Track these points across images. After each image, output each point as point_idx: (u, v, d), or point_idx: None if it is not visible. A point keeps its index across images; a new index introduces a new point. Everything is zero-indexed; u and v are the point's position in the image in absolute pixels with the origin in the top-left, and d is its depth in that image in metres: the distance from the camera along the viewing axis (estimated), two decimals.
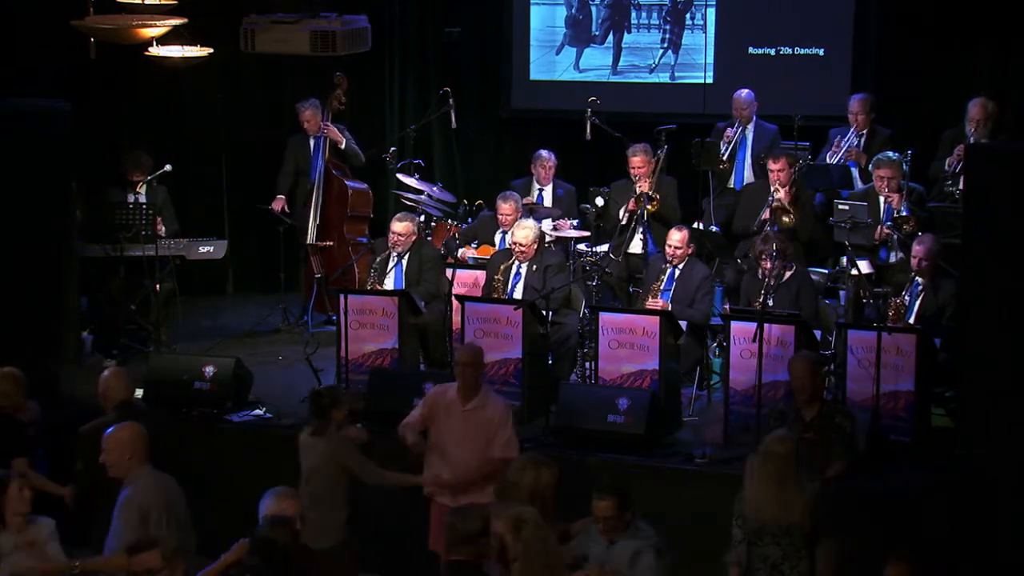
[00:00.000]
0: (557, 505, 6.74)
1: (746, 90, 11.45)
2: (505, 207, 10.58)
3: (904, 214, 9.92)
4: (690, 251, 9.90)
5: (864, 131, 11.13)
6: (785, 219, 10.16)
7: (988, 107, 10.70)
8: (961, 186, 10.31)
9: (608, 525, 6.69)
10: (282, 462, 9.14)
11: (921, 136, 11.27)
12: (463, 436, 7.83)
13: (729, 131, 11.35)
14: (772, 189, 10.45)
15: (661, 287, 9.78)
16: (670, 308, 9.58)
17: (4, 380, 8.09)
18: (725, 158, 11.32)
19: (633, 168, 10.83)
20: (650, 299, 9.71)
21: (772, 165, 10.63)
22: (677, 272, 9.84)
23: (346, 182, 11.47)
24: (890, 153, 10.43)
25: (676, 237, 9.86)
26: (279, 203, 11.53)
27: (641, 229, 10.81)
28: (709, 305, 9.84)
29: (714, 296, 9.99)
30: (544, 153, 11.35)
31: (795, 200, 10.44)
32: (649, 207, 10.57)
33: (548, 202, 11.34)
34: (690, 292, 9.77)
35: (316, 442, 7.72)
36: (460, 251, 10.68)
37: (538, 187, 11.36)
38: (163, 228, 10.98)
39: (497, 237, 10.78)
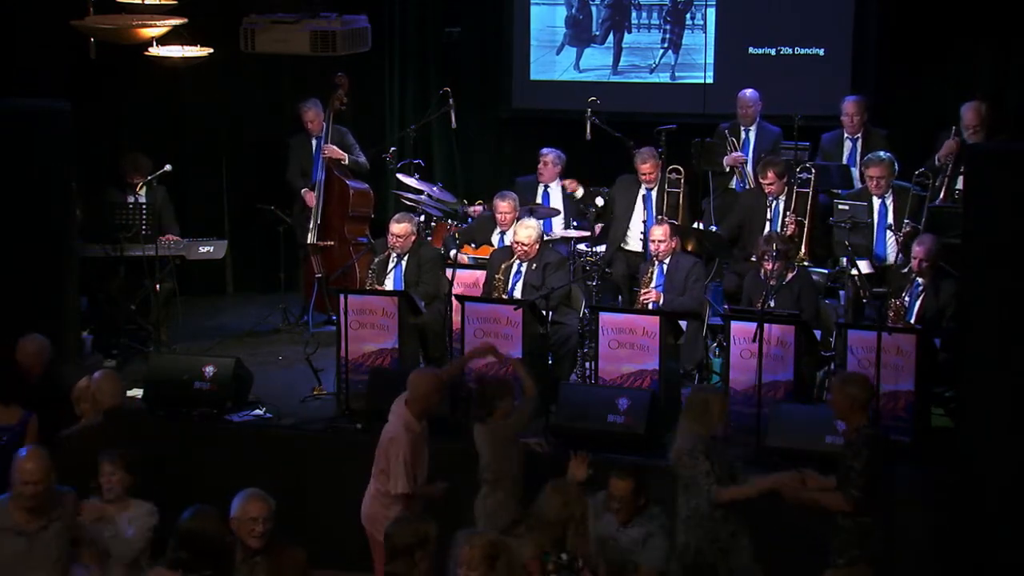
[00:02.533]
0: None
1: (751, 89, 11.46)
2: (503, 206, 10.59)
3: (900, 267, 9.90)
4: (674, 244, 9.93)
5: (859, 134, 11.13)
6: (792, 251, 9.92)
7: (981, 110, 10.65)
8: (960, 185, 10.35)
9: (622, 505, 6.70)
10: (282, 462, 9.20)
11: (921, 137, 11.27)
12: None
13: (734, 155, 11.29)
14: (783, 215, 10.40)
15: (651, 284, 9.83)
16: (663, 299, 9.66)
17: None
18: (727, 170, 11.33)
19: (643, 175, 10.84)
20: (643, 292, 9.75)
21: (760, 179, 10.62)
22: (664, 267, 9.89)
23: (347, 182, 11.47)
24: (880, 153, 10.43)
25: (657, 232, 9.92)
26: (310, 196, 11.44)
27: (642, 228, 10.84)
28: (701, 290, 9.88)
29: (704, 281, 10.01)
30: (544, 151, 11.31)
31: (811, 229, 10.33)
32: None
33: (555, 201, 11.29)
34: (680, 283, 9.83)
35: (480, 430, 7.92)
36: (452, 252, 10.66)
37: (542, 185, 11.33)
38: (170, 235, 11.04)
39: (495, 237, 10.79)
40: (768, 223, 10.44)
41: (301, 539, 8.97)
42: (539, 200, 11.20)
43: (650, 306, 9.75)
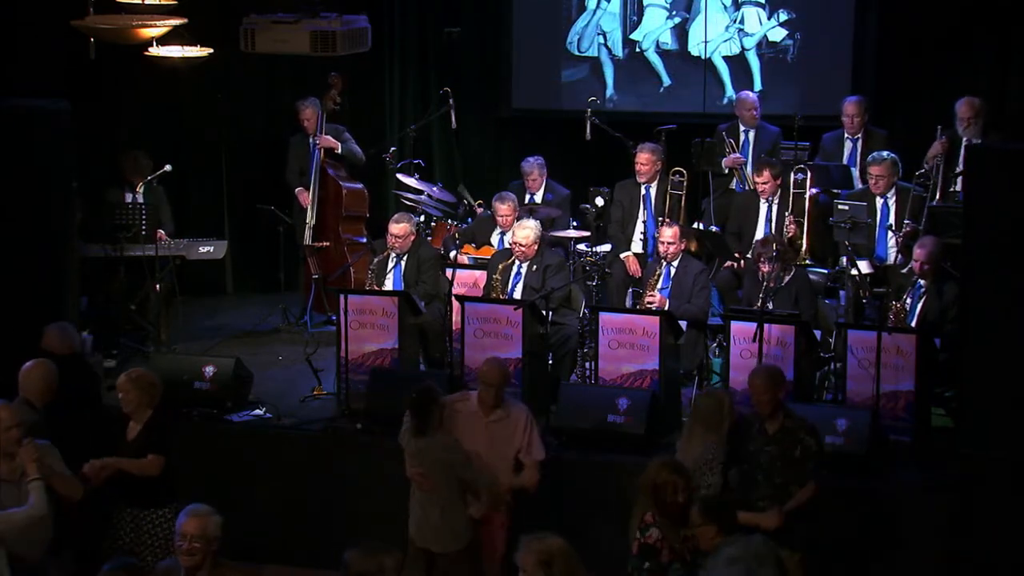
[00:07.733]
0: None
1: (752, 91, 11.46)
2: (503, 208, 10.58)
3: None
4: (683, 247, 9.91)
5: (859, 134, 11.13)
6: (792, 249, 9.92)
7: (975, 104, 10.65)
8: (955, 185, 10.37)
9: None
10: (282, 462, 9.20)
11: (921, 137, 11.26)
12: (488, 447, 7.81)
13: (733, 156, 11.29)
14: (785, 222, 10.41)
15: (658, 284, 9.80)
16: (667, 304, 9.61)
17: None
18: (726, 171, 11.33)
19: (637, 164, 10.83)
20: (647, 295, 9.73)
21: (756, 178, 10.62)
22: (672, 270, 9.86)
23: (341, 182, 11.46)
24: (883, 152, 10.44)
25: (668, 233, 9.87)
26: (304, 196, 11.44)
27: (643, 228, 10.83)
28: (706, 299, 9.84)
29: (710, 289, 10.00)
30: (526, 167, 11.26)
31: (811, 229, 10.34)
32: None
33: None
34: (687, 288, 9.78)
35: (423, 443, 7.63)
36: (452, 253, 10.64)
37: (528, 195, 11.28)
38: (163, 234, 11.04)
39: (495, 238, 10.79)
40: (763, 222, 10.45)
41: (301, 539, 9.04)
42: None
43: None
